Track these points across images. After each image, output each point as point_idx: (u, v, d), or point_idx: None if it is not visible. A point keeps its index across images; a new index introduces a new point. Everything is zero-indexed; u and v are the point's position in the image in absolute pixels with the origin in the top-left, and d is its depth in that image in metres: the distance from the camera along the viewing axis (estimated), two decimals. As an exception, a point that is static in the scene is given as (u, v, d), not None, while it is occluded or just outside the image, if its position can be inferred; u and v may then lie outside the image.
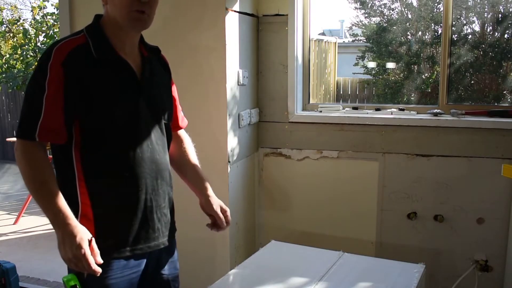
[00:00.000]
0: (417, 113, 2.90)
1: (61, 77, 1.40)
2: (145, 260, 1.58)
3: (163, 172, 1.60)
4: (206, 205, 1.80)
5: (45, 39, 8.29)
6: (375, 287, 1.96)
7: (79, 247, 1.33)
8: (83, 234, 1.35)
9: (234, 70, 2.72)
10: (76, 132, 1.44)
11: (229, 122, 2.69)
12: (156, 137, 1.58)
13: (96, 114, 1.44)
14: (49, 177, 1.40)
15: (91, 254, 1.34)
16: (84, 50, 1.45)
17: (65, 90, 1.40)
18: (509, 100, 4.60)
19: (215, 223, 1.81)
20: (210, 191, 1.82)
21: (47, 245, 4.38)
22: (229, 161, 2.71)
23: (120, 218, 1.50)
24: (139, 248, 1.53)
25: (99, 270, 1.35)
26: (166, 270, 1.68)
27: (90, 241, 1.36)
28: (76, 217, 1.45)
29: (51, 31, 8.15)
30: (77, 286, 1.41)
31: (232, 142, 2.74)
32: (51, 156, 1.54)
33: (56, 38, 7.94)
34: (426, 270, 2.12)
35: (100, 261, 1.37)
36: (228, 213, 1.83)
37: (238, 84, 2.78)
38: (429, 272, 2.25)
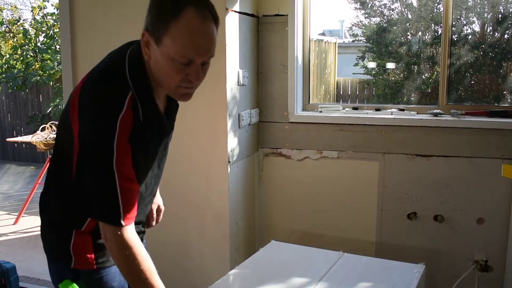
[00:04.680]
0: (417, 113, 2.90)
1: (129, 153, 1.28)
2: None
3: (153, 197, 1.59)
4: None
5: (45, 39, 8.30)
6: (375, 287, 1.96)
7: None
8: None
9: (234, 70, 2.72)
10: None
11: (229, 122, 2.69)
12: (160, 171, 1.55)
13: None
14: (153, 268, 1.32)
15: None
16: (137, 116, 1.30)
17: (132, 165, 1.30)
18: (509, 100, 4.61)
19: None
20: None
21: (47, 245, 4.39)
22: (229, 161, 2.71)
23: None
24: None
25: None
26: None
27: None
28: (70, 231, 1.42)
29: (51, 31, 8.16)
30: None
31: (232, 142, 2.74)
32: (50, 156, 1.50)
33: (56, 38, 7.95)
34: (426, 270, 2.12)
35: None
36: (161, 213, 1.78)
37: (238, 84, 2.78)
38: (429, 272, 2.25)
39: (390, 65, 5.87)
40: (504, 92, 4.64)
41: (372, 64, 6.12)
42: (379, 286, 1.96)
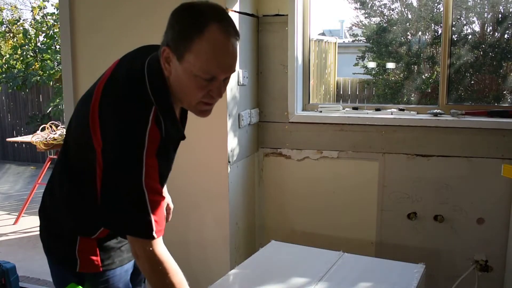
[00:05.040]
0: (417, 113, 2.90)
1: (156, 166, 1.28)
2: None
3: None
4: None
5: (45, 39, 8.30)
6: (375, 287, 1.96)
7: None
8: None
9: (234, 70, 2.72)
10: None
11: (229, 122, 2.69)
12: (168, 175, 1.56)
13: None
14: (185, 280, 1.32)
15: None
16: (161, 131, 1.30)
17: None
18: (509, 100, 4.61)
19: None
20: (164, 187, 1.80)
21: (47, 245, 4.39)
22: (229, 161, 2.71)
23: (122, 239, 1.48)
24: None
25: None
26: None
27: None
28: (76, 235, 1.41)
29: (51, 31, 8.16)
30: None
31: (232, 142, 2.74)
32: (51, 157, 1.49)
33: (56, 38, 7.95)
34: (426, 270, 2.12)
35: None
36: (171, 211, 1.79)
37: (238, 84, 2.78)
38: (429, 272, 2.25)
39: (390, 65, 5.87)
40: (504, 92, 4.65)
41: (372, 64, 6.13)
42: (379, 286, 1.96)
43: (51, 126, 5.35)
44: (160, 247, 1.28)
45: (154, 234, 1.26)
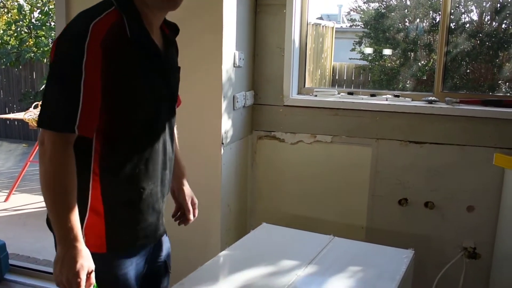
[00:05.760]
0: (412, 100, 2.89)
1: (100, 59, 1.25)
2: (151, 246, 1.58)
3: (170, 162, 1.54)
4: (178, 193, 1.73)
5: (40, 16, 8.21)
6: (365, 271, 1.97)
7: (77, 274, 1.23)
8: (85, 262, 1.25)
9: (230, 52, 2.70)
10: (101, 123, 1.30)
11: (224, 104, 2.67)
12: (169, 125, 1.51)
13: (126, 102, 1.33)
14: (73, 187, 1.26)
15: (85, 286, 1.26)
16: (119, 29, 1.30)
17: (102, 75, 1.26)
18: (503, 89, 4.62)
19: (182, 214, 1.76)
20: (186, 181, 1.76)
21: (37, 223, 4.39)
22: (222, 143, 2.70)
23: (131, 213, 1.43)
24: (149, 239, 1.52)
25: None
26: (163, 251, 1.66)
27: (89, 273, 1.27)
28: (85, 211, 1.36)
29: (46, 8, 8.07)
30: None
31: (226, 124, 2.74)
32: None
33: (51, 14, 7.86)
34: (415, 256, 2.14)
35: None
36: (197, 206, 1.78)
37: (234, 66, 2.76)
38: (418, 258, 2.27)
39: (387, 51, 5.86)
40: (499, 82, 4.65)
41: (369, 50, 6.11)
42: (369, 270, 1.98)
43: (44, 104, 5.31)
44: (71, 148, 1.26)
45: (75, 128, 1.23)
